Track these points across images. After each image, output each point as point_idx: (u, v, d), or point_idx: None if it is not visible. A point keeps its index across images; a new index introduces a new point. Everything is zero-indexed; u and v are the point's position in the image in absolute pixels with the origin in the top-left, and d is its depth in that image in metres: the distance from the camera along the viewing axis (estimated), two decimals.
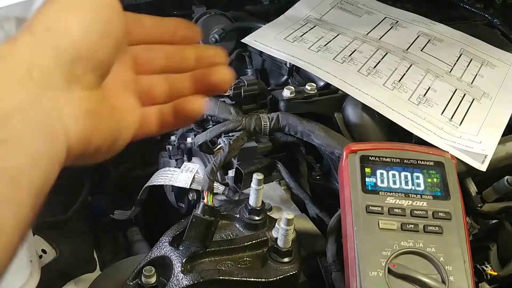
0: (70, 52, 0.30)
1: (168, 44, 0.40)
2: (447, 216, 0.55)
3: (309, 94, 0.73)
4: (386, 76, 0.78)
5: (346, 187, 0.57)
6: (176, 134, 0.85)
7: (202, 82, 0.40)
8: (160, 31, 0.40)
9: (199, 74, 0.40)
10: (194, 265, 0.56)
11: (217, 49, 0.41)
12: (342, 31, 0.89)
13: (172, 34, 0.40)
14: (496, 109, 0.77)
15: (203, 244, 0.56)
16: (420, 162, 0.59)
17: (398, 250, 0.52)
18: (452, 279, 0.51)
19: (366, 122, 0.73)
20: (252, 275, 0.55)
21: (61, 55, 0.30)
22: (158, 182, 0.77)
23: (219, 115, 0.72)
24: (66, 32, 0.30)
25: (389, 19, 0.96)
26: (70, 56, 0.30)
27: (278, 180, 0.77)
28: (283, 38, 0.86)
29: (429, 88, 0.78)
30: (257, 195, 0.59)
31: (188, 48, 0.40)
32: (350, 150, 0.60)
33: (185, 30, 0.40)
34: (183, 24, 0.41)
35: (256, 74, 0.89)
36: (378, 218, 0.54)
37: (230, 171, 0.74)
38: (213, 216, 0.56)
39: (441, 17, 1.00)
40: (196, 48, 0.40)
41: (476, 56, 0.89)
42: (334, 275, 0.60)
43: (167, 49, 0.40)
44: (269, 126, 0.70)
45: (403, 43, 0.88)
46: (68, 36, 0.30)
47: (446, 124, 0.72)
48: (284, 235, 0.56)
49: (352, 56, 0.82)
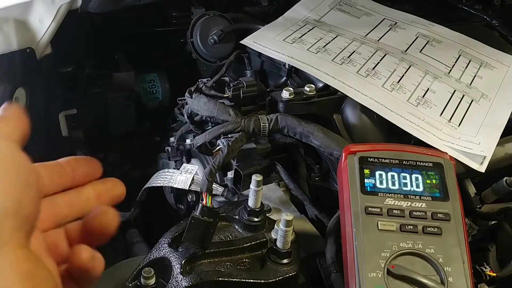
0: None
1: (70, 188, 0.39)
2: (446, 217, 0.55)
3: (308, 96, 0.73)
4: (385, 78, 0.78)
5: (345, 188, 0.57)
6: (175, 136, 0.85)
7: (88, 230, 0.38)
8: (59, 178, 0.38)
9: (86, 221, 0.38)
10: (193, 266, 0.56)
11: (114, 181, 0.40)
12: (341, 32, 0.89)
13: (72, 177, 0.39)
14: (495, 110, 0.77)
15: (202, 246, 0.56)
16: (419, 163, 0.59)
17: (397, 251, 0.52)
18: (451, 280, 0.51)
19: (365, 124, 0.73)
20: (251, 276, 0.55)
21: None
22: (157, 184, 0.77)
23: (218, 117, 0.72)
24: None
25: (387, 20, 0.96)
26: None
27: (277, 182, 0.77)
28: (282, 39, 0.86)
29: (428, 89, 0.78)
30: (256, 197, 0.59)
31: (86, 188, 0.39)
32: (349, 151, 0.60)
33: (83, 167, 0.39)
34: (81, 162, 0.40)
35: (255, 76, 0.89)
36: (377, 219, 0.55)
37: (229, 173, 0.74)
38: (211, 217, 0.56)
39: (439, 18, 1.00)
40: (94, 186, 0.40)
41: (475, 58, 0.89)
42: (333, 276, 0.60)
43: (67, 196, 0.39)
44: (268, 127, 0.70)
45: (402, 44, 0.88)
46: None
47: (445, 125, 0.72)
48: (283, 236, 0.56)
49: (351, 57, 0.82)
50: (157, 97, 1.06)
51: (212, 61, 0.93)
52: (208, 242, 0.56)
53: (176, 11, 1.04)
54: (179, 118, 0.91)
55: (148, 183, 0.78)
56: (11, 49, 0.71)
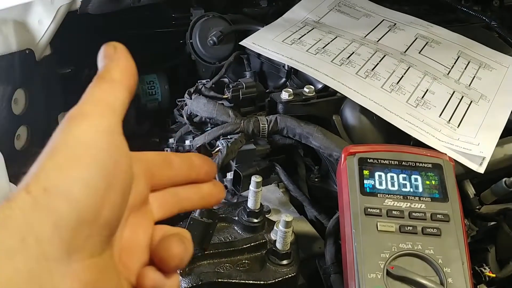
0: (71, 216, 0.26)
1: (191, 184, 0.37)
2: (445, 218, 0.55)
3: (307, 97, 0.73)
4: (384, 79, 0.78)
5: (344, 189, 0.57)
6: (175, 137, 0.85)
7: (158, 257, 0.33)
8: (188, 170, 0.37)
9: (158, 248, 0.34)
10: (192, 267, 0.56)
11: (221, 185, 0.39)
12: (340, 33, 0.89)
13: (198, 172, 0.37)
14: (494, 111, 0.77)
15: (201, 247, 0.56)
16: (418, 164, 0.59)
17: (396, 252, 0.52)
18: (451, 281, 0.51)
19: (364, 125, 0.73)
20: (250, 278, 0.55)
21: (61, 220, 0.26)
22: None
23: (218, 118, 0.72)
24: (66, 192, 0.26)
25: (387, 21, 0.96)
26: (71, 221, 0.26)
27: (277, 183, 0.77)
28: (281, 40, 0.86)
29: (427, 91, 0.78)
30: (255, 198, 0.59)
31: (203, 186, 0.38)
32: (349, 152, 0.60)
33: (207, 165, 0.38)
34: (204, 160, 0.38)
35: (255, 77, 0.89)
36: (376, 220, 0.55)
37: (229, 174, 0.74)
38: (211, 219, 0.56)
39: (439, 19, 1.00)
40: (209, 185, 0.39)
41: (474, 59, 0.89)
42: (333, 277, 0.60)
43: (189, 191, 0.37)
44: (267, 128, 0.70)
45: (401, 45, 0.88)
46: (69, 197, 0.26)
47: (444, 126, 0.72)
48: (283, 238, 0.56)
49: (350, 58, 0.82)
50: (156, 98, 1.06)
51: (211, 62, 0.93)
52: (207, 243, 0.56)
53: (175, 12, 1.04)
54: (178, 119, 0.91)
55: None
56: (10, 50, 0.71)
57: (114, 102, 0.29)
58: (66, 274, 0.26)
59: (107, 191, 0.27)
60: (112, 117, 0.29)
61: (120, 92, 0.30)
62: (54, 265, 0.25)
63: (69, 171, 0.26)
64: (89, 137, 0.28)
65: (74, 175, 0.26)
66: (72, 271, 0.26)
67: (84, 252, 0.27)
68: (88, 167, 0.27)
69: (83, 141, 0.27)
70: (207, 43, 0.91)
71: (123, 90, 0.30)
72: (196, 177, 0.37)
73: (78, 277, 0.26)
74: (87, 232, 0.27)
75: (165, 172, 0.35)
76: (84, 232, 0.26)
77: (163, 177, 0.35)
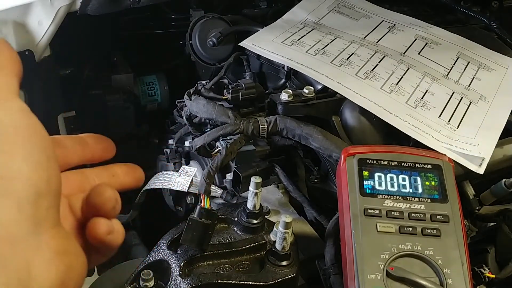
0: (29, 193, 0.28)
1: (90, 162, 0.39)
2: (445, 219, 0.55)
3: (307, 98, 0.73)
4: (383, 80, 0.78)
5: (344, 190, 0.57)
6: (174, 138, 0.85)
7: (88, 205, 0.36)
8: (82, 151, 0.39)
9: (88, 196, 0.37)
10: (192, 268, 0.56)
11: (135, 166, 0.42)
12: (340, 34, 0.89)
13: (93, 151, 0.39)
14: (493, 112, 0.77)
15: (200, 248, 0.56)
16: (418, 165, 0.59)
17: (396, 253, 0.52)
18: (450, 282, 0.51)
19: (364, 125, 0.73)
20: (250, 279, 0.55)
21: (22, 199, 0.27)
22: (156, 186, 0.76)
23: (217, 119, 0.72)
24: (18, 173, 0.28)
25: (386, 22, 0.96)
26: (30, 197, 0.28)
27: (276, 184, 0.77)
28: (281, 41, 0.86)
29: (427, 91, 0.78)
30: (255, 199, 0.59)
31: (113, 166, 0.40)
32: (348, 153, 0.60)
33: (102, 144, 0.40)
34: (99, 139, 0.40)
35: (254, 78, 0.89)
36: (376, 221, 0.54)
37: (228, 175, 0.74)
38: (210, 219, 0.56)
39: (438, 20, 1.00)
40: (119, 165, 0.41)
41: (473, 60, 0.89)
42: (333, 278, 0.60)
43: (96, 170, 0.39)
44: (267, 129, 0.70)
45: (401, 46, 0.88)
46: (22, 176, 0.28)
47: (444, 127, 0.72)
48: (282, 239, 0.56)
49: (349, 59, 0.82)
50: (156, 99, 1.06)
51: (211, 63, 0.93)
52: (207, 244, 0.56)
53: (175, 13, 1.04)
54: (178, 120, 0.91)
55: (147, 185, 0.78)
56: None
57: (11, 86, 0.31)
58: (38, 247, 0.28)
59: (49, 162, 0.29)
60: (17, 98, 0.31)
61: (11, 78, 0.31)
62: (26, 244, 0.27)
63: (13, 153, 0.28)
64: (11, 119, 0.29)
65: (19, 155, 0.28)
66: (45, 241, 0.28)
67: (48, 222, 0.29)
68: (26, 145, 0.29)
69: (8, 123, 0.29)
70: (207, 44, 0.91)
71: (13, 75, 0.32)
72: (92, 156, 0.39)
73: (48, 245, 0.29)
74: (46, 204, 0.29)
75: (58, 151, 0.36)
76: (44, 204, 0.29)
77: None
